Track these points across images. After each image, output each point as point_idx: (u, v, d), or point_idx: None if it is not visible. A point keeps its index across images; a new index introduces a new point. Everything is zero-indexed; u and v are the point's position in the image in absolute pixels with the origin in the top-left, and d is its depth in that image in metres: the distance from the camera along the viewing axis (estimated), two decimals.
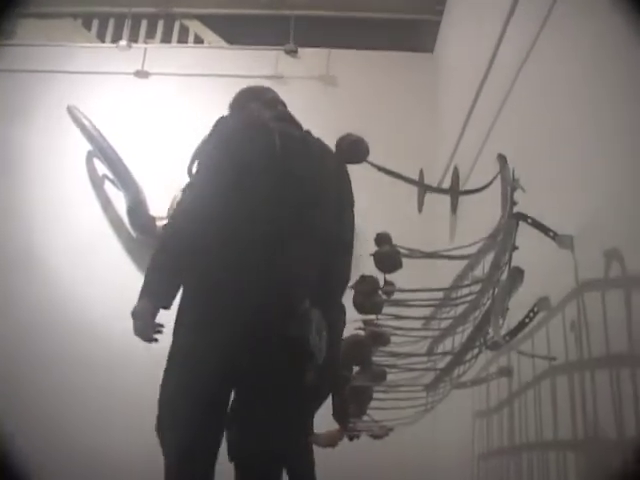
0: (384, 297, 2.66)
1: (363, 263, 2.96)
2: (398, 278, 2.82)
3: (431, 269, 3.99)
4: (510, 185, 2.27)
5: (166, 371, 2.71)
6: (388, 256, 2.63)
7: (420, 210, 4.60)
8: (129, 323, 2.59)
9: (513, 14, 3.29)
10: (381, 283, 2.77)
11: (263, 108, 3.28)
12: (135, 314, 2.59)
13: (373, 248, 2.87)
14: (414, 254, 2.69)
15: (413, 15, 6.05)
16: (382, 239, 2.76)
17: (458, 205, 4.57)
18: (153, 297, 2.62)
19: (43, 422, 5.13)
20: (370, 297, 2.57)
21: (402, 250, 2.63)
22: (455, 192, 4.51)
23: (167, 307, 2.65)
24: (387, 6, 6.06)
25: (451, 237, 4.75)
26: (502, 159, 2.57)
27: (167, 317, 2.64)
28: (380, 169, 3.81)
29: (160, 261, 2.69)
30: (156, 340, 2.61)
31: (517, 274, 2.20)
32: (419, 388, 3.08)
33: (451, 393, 3.14)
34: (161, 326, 2.60)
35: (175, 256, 2.66)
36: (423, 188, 4.46)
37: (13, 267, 5.74)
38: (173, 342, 2.70)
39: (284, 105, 3.47)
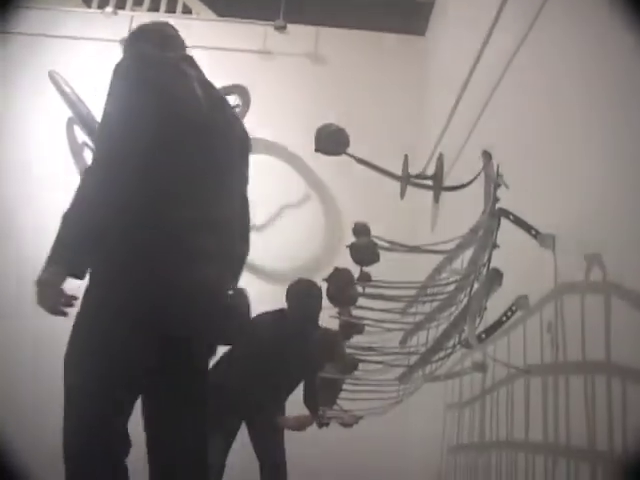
0: (359, 290, 2.62)
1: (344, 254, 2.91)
2: (376, 266, 2.78)
3: (411, 259, 3.96)
4: (494, 182, 2.23)
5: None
6: (365, 249, 2.58)
7: (402, 197, 4.56)
8: None
9: (506, 2, 3.24)
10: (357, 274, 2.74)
11: (168, 48, 2.76)
12: (41, 282, 2.21)
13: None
14: (394, 247, 2.64)
15: None
16: (360, 230, 2.69)
17: (441, 195, 4.54)
18: (64, 263, 2.25)
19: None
20: (344, 290, 2.52)
21: (381, 243, 2.59)
22: (438, 186, 4.48)
23: (80, 277, 2.28)
24: None
25: (432, 227, 4.72)
26: (487, 155, 2.53)
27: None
28: (360, 161, 3.76)
29: (75, 221, 2.26)
30: (65, 314, 2.25)
31: (495, 276, 2.17)
32: (391, 379, 3.06)
33: (424, 385, 3.13)
34: (74, 298, 2.26)
35: (96, 215, 2.27)
36: (405, 180, 4.42)
37: None
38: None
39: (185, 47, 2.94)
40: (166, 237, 2.34)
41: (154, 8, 6.56)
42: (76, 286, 2.25)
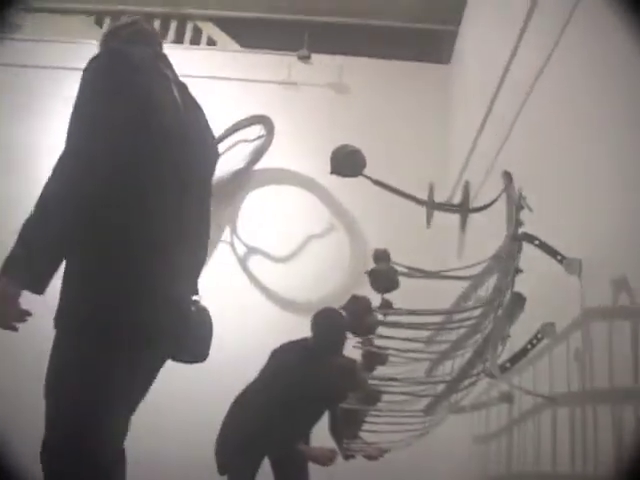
0: (380, 318, 2.56)
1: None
2: (401, 294, 2.72)
3: (437, 287, 3.89)
4: (516, 204, 2.18)
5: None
6: (384, 275, 2.52)
7: (428, 225, 4.51)
8: None
9: (525, 31, 3.22)
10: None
11: (142, 44, 2.60)
12: None
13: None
14: (413, 273, 2.59)
15: (429, 25, 5.97)
16: (380, 256, 2.64)
17: (467, 222, 4.49)
18: (20, 276, 2.04)
19: None
20: (361, 318, 2.46)
21: (400, 269, 2.53)
22: (464, 214, 4.43)
23: (39, 292, 2.04)
24: (403, 15, 5.98)
25: (459, 255, 4.67)
26: (507, 176, 2.48)
27: None
28: (376, 183, 3.71)
29: (35, 232, 2.08)
30: (15, 329, 2.08)
31: (517, 300, 2.11)
32: (416, 411, 3.00)
33: (450, 416, 3.06)
34: (27, 314, 2.08)
35: (62, 224, 2.10)
36: (431, 208, 4.36)
37: None
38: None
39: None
40: (141, 256, 2.20)
41: (178, 40, 6.58)
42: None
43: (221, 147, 5.55)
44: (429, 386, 3.01)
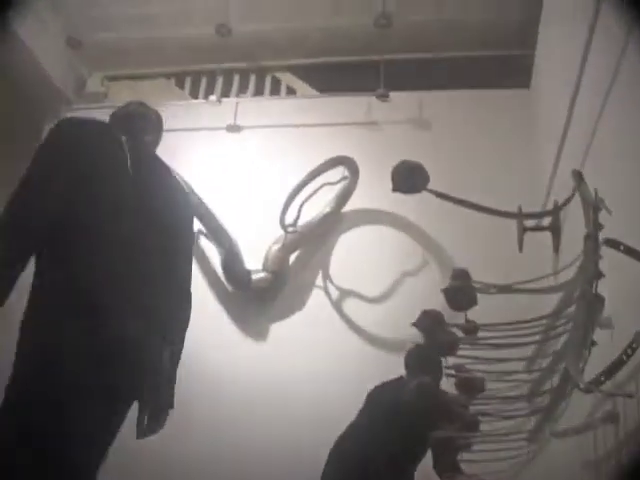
0: (459, 334, 2.51)
1: None
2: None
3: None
4: (592, 205, 2.11)
5: None
6: (459, 292, 2.48)
7: (520, 249, 4.43)
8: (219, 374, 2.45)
9: (591, 43, 3.17)
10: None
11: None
12: None
13: None
14: (487, 289, 2.54)
15: (505, 51, 5.91)
16: (457, 275, 2.61)
17: (561, 245, 4.39)
18: None
19: None
20: (433, 333, 2.42)
21: (476, 285, 2.48)
22: (556, 237, 4.34)
23: None
24: (477, 44, 5.95)
25: (556, 278, 4.55)
26: (577, 175, 2.41)
27: None
28: (441, 196, 3.65)
29: None
30: None
31: (595, 302, 2.03)
32: (518, 439, 2.91)
33: (557, 442, 2.96)
34: None
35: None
36: (521, 232, 4.28)
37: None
38: None
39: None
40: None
41: (258, 92, 6.69)
42: None
43: (305, 191, 5.59)
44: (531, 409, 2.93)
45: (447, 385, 3.42)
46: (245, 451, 5.19)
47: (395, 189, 3.49)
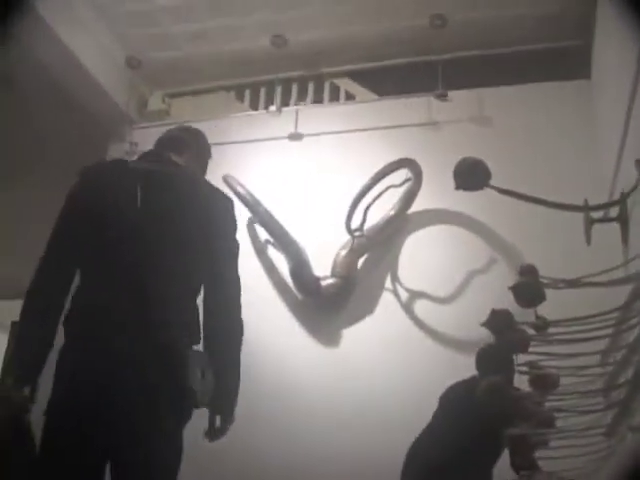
0: (531, 333, 2.52)
1: None
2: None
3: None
4: None
5: None
6: (527, 288, 2.49)
7: (588, 242, 4.39)
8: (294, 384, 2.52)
9: None
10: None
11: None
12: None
13: None
14: (556, 284, 2.54)
15: (563, 42, 5.86)
16: (525, 270, 2.62)
17: (629, 234, 4.34)
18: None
19: None
20: (504, 333, 2.44)
21: (544, 280, 2.49)
22: (625, 228, 4.29)
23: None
24: (535, 37, 5.91)
25: (626, 272, 4.50)
26: None
27: None
28: (504, 192, 3.64)
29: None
30: None
31: None
32: (597, 434, 2.89)
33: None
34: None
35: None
36: (589, 224, 4.24)
37: None
38: None
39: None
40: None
41: (318, 100, 6.75)
42: None
43: (370, 195, 5.63)
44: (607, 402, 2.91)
45: (520, 383, 3.43)
46: (318, 457, 5.25)
47: (458, 187, 3.51)
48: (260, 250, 6.21)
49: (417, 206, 5.86)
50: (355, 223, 5.68)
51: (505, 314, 2.51)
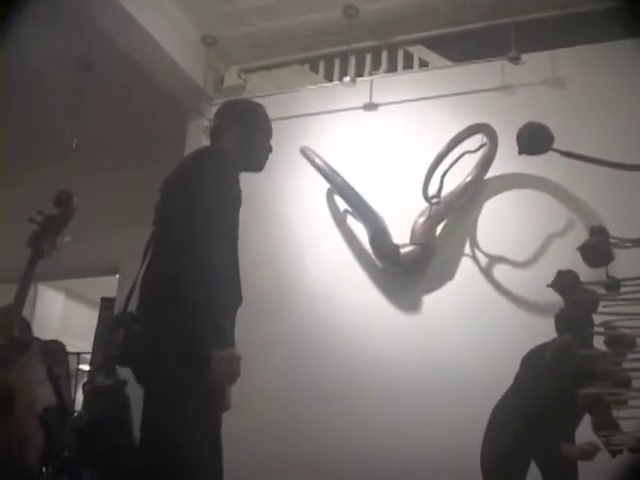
0: (603, 292, 2.57)
1: None
2: None
3: None
4: None
5: None
6: (594, 248, 2.54)
7: None
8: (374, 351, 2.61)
9: None
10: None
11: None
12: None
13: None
14: (623, 243, 2.59)
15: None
16: (595, 231, 2.67)
17: None
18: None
19: None
20: (569, 293, 2.50)
21: (613, 240, 2.54)
22: None
23: None
24: None
25: None
26: None
27: None
28: (568, 155, 3.66)
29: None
30: None
31: None
32: None
33: None
34: None
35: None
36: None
37: (267, 311, 6.09)
38: None
39: None
40: None
41: (391, 69, 6.79)
42: None
43: (446, 162, 5.68)
44: None
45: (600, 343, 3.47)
46: (403, 420, 5.40)
47: (521, 151, 3.56)
48: (339, 220, 6.33)
49: (494, 171, 5.89)
50: (432, 190, 5.75)
51: (570, 275, 2.57)
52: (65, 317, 11.53)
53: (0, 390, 3.64)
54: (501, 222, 5.82)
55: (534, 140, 3.44)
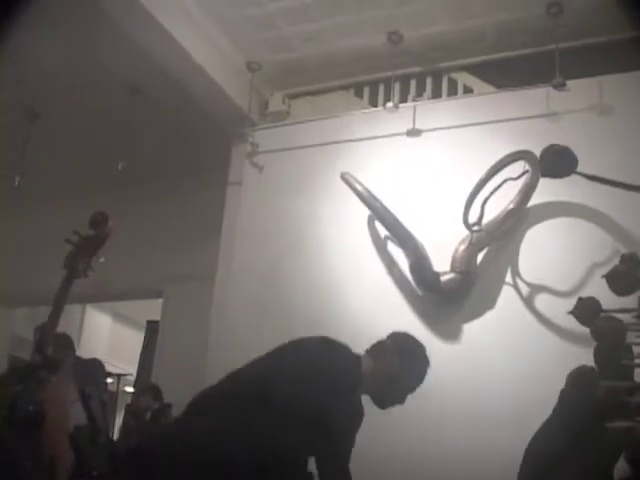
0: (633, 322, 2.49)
1: None
2: None
3: None
4: None
5: None
6: (621, 276, 2.47)
7: None
8: None
9: None
10: None
11: None
12: None
13: None
14: None
15: None
16: (625, 258, 2.60)
17: None
18: None
19: None
20: (590, 321, 2.43)
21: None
22: None
23: None
24: None
25: None
26: None
27: None
28: (592, 179, 3.59)
29: None
30: None
31: None
32: None
33: None
34: None
35: None
36: None
37: (308, 333, 6.03)
38: None
39: None
40: None
41: (436, 95, 6.76)
42: None
43: (487, 188, 5.61)
44: None
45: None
46: (443, 451, 5.29)
47: (544, 174, 3.50)
48: (380, 247, 6.29)
49: (536, 199, 5.79)
50: (473, 217, 5.67)
51: (590, 302, 2.49)
52: (112, 339, 11.69)
53: (32, 408, 3.68)
54: (543, 251, 5.72)
55: (557, 163, 3.38)
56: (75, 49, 6.60)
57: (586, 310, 2.49)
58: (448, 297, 5.85)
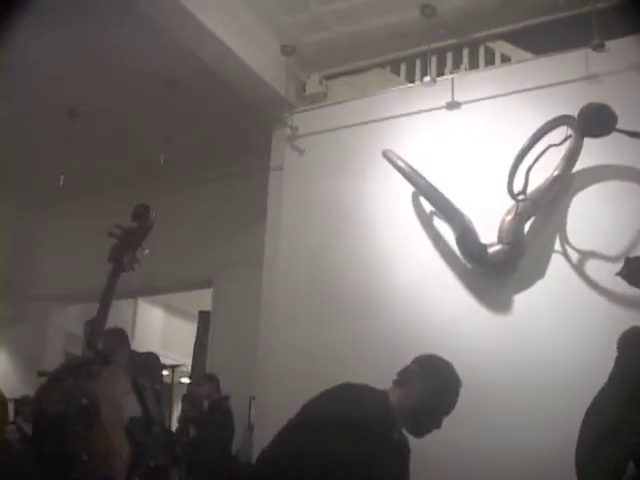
0: None
1: None
2: None
3: None
4: None
5: None
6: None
7: None
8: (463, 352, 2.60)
9: None
10: None
11: None
12: None
13: None
14: None
15: None
16: None
17: None
18: None
19: None
20: (638, 280, 2.39)
21: None
22: None
23: None
24: None
25: None
26: None
27: None
28: (633, 135, 3.52)
29: None
30: None
31: None
32: None
33: None
34: None
35: None
36: None
37: (357, 313, 6.10)
38: None
39: None
40: None
41: (473, 66, 6.71)
42: None
43: (531, 156, 5.55)
44: None
45: None
46: (498, 423, 5.28)
47: (583, 134, 3.44)
48: (426, 222, 6.27)
49: (581, 164, 5.71)
50: (518, 187, 5.61)
51: (639, 261, 2.45)
52: (165, 331, 11.81)
53: (86, 402, 3.72)
54: (591, 216, 5.65)
55: (597, 121, 3.33)
56: (113, 47, 6.68)
57: (634, 269, 2.45)
58: (496, 269, 5.81)
